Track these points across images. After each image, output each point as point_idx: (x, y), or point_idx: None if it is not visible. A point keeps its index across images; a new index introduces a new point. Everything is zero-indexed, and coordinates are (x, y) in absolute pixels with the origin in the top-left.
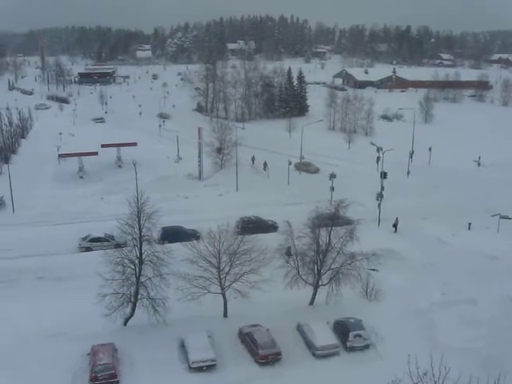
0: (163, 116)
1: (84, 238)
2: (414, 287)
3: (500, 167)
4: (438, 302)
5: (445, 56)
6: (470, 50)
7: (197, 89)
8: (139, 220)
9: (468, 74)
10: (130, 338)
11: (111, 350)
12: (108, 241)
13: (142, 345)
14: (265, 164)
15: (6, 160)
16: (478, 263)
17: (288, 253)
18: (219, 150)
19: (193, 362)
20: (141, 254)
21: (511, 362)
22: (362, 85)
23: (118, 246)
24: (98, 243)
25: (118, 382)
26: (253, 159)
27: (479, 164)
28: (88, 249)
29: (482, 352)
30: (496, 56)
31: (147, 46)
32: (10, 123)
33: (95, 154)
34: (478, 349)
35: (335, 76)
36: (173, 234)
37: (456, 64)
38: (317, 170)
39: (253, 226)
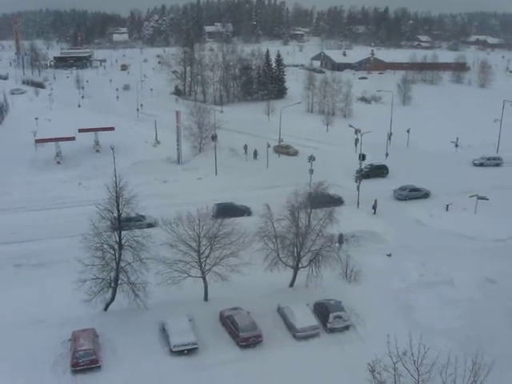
0: (126, 88)
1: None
2: (392, 268)
3: (477, 149)
4: (417, 282)
5: (423, 38)
6: (448, 32)
7: (174, 72)
8: (118, 205)
9: (446, 55)
10: (110, 323)
11: (92, 336)
12: (140, 220)
13: (123, 330)
14: (245, 147)
15: None
16: (456, 244)
17: (340, 240)
18: (214, 138)
19: (174, 346)
20: (120, 238)
21: (488, 342)
22: (340, 67)
23: (149, 225)
24: (130, 223)
25: (99, 367)
26: (245, 148)
27: (457, 145)
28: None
29: (460, 332)
30: (473, 38)
31: (124, 30)
32: None
33: (72, 139)
34: (456, 328)
35: (313, 58)
36: (226, 210)
37: (434, 46)
38: (296, 153)
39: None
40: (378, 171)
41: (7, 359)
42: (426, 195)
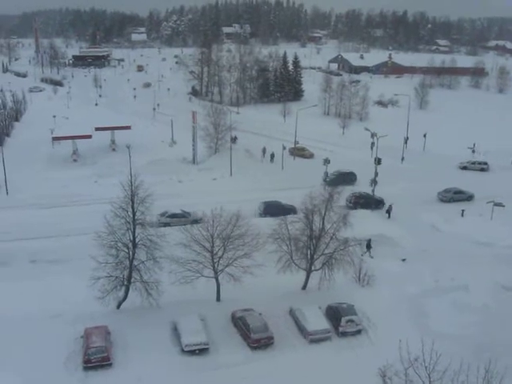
0: (146, 85)
1: (162, 214)
2: (406, 273)
3: (495, 154)
4: (431, 288)
5: (441, 42)
6: (467, 37)
7: (191, 72)
8: (133, 203)
9: (464, 60)
10: (123, 321)
11: (104, 333)
12: (185, 217)
13: (135, 328)
14: (264, 150)
15: (0, 143)
16: (471, 250)
17: (368, 245)
18: (234, 140)
19: (185, 346)
20: (134, 237)
21: (501, 349)
22: (357, 70)
23: (194, 222)
24: (176, 219)
25: (110, 364)
26: (264, 150)
27: (474, 151)
28: (166, 224)
29: (474, 339)
30: (493, 43)
31: (142, 29)
32: (4, 106)
33: (89, 137)
34: (470, 335)
35: (331, 61)
36: (273, 208)
37: (452, 50)
38: (311, 155)
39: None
40: (346, 178)
41: (20, 354)
42: (469, 198)
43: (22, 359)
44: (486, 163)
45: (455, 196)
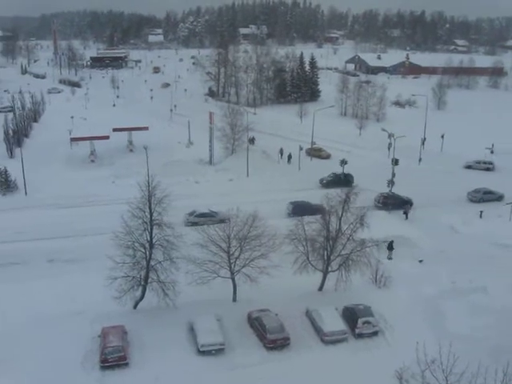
0: (165, 86)
1: (190, 214)
2: (423, 275)
3: None
4: (448, 289)
5: (459, 42)
6: (486, 36)
7: (208, 73)
8: (150, 204)
9: (482, 60)
10: (139, 321)
11: (121, 333)
12: (213, 216)
13: (152, 328)
14: (281, 151)
15: (19, 143)
16: (489, 251)
17: (390, 247)
18: (252, 141)
19: (201, 346)
20: (151, 237)
21: None
22: (374, 70)
23: (221, 221)
24: (203, 218)
25: (127, 364)
26: (281, 152)
27: (492, 152)
28: (194, 223)
29: (492, 341)
30: (511, 42)
31: (159, 31)
32: (23, 107)
33: (107, 137)
34: (488, 337)
35: (347, 61)
36: (302, 209)
37: (470, 50)
38: (328, 156)
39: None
40: (342, 180)
41: (38, 353)
42: (500, 198)
43: (39, 358)
44: (491, 163)
45: (485, 196)
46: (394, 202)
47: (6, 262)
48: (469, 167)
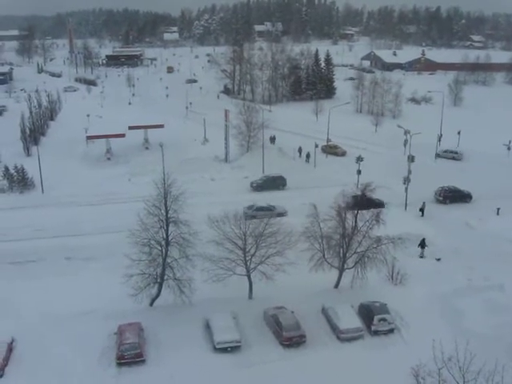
0: (191, 81)
1: (249, 208)
2: (439, 272)
3: None
4: (465, 287)
5: (475, 38)
6: (502, 32)
7: (223, 71)
8: (166, 201)
9: (499, 56)
10: (156, 318)
11: (137, 330)
12: (271, 210)
13: (168, 325)
14: (300, 149)
15: (36, 142)
16: (506, 249)
17: (422, 244)
18: (273, 140)
19: (217, 343)
20: (167, 235)
21: None
22: (390, 67)
23: (279, 215)
24: (262, 212)
25: (143, 361)
26: (300, 150)
27: (509, 148)
28: (253, 217)
29: (508, 339)
30: None
31: (174, 29)
32: (39, 105)
33: (122, 136)
34: (504, 335)
35: (363, 58)
36: (357, 203)
37: (487, 46)
38: (344, 153)
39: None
40: (274, 183)
41: (55, 349)
42: None
43: (56, 354)
44: (456, 152)
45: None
46: (455, 196)
47: (23, 259)
48: (438, 156)
